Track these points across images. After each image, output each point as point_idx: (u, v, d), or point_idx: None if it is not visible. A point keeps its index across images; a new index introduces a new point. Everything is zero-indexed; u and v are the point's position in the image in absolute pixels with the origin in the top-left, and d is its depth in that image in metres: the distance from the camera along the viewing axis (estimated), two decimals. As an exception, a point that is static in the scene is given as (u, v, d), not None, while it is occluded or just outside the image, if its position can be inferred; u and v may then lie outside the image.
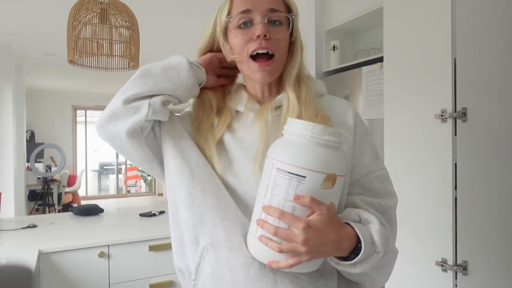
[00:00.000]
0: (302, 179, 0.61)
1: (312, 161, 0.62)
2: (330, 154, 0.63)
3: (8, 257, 1.63)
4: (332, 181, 0.62)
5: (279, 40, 0.76)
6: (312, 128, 0.63)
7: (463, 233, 1.35)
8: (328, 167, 0.62)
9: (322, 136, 0.63)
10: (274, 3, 0.76)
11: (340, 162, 0.64)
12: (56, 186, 6.44)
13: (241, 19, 0.76)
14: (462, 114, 1.35)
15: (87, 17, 1.90)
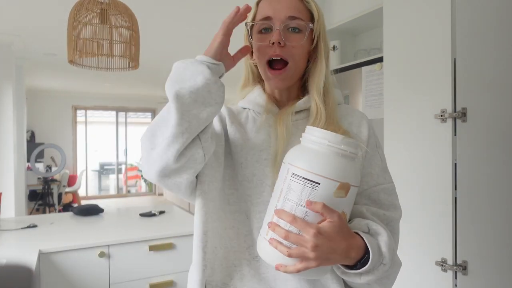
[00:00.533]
0: (316, 185, 0.62)
1: (327, 168, 0.63)
2: (346, 163, 0.64)
3: (8, 257, 1.63)
4: (346, 190, 0.63)
5: (295, 48, 0.78)
6: (330, 137, 0.64)
7: (463, 233, 1.35)
8: (343, 176, 0.63)
9: (339, 146, 0.64)
10: (295, 10, 0.77)
11: (355, 172, 0.65)
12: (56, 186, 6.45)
13: (262, 25, 0.79)
14: (462, 114, 1.35)
15: (87, 17, 1.90)
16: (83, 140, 8.50)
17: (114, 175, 9.06)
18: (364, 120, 0.84)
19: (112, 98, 8.59)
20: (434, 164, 1.44)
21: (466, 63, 1.37)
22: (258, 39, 0.80)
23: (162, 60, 5.08)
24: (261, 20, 0.78)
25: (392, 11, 1.65)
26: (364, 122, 0.84)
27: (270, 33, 0.78)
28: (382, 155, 0.84)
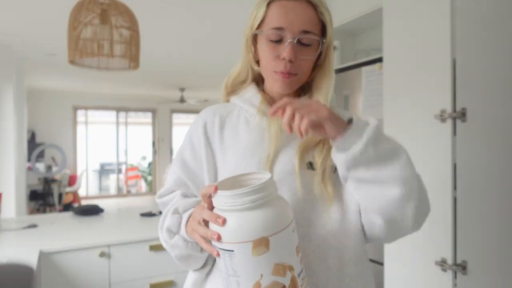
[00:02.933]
0: (232, 253, 0.58)
1: (233, 232, 0.58)
2: (251, 217, 0.58)
3: (9, 257, 1.64)
4: (264, 244, 0.57)
5: (305, 62, 0.77)
6: (226, 198, 0.59)
7: (462, 233, 1.35)
8: (253, 234, 0.57)
9: (237, 203, 0.58)
10: (309, 23, 0.75)
11: (269, 219, 0.58)
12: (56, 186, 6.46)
13: (272, 35, 0.75)
14: (461, 114, 1.35)
15: (87, 17, 1.90)
16: (83, 140, 8.50)
17: (115, 175, 9.07)
18: None
19: (112, 98, 8.59)
20: (434, 164, 1.44)
21: (465, 63, 1.37)
22: (268, 48, 0.77)
23: (162, 60, 5.09)
24: (273, 29, 0.75)
25: (392, 11, 1.65)
26: None
27: (280, 43, 0.75)
28: None
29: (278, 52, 0.75)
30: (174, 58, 5.02)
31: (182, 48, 4.49)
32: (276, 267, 0.58)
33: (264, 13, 0.76)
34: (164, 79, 6.61)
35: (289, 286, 0.58)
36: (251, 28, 0.79)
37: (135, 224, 2.27)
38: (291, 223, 0.61)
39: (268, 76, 0.80)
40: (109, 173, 9.16)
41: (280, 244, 0.58)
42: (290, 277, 0.59)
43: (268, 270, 0.58)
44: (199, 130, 0.83)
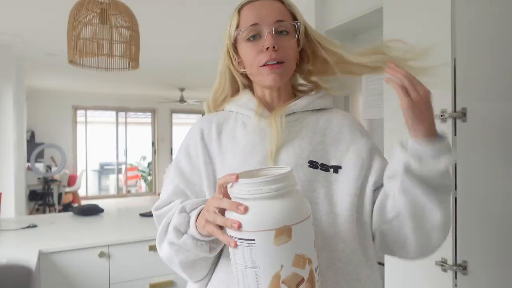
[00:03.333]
0: (252, 242, 0.57)
1: (255, 221, 0.57)
2: (275, 205, 0.57)
3: (8, 257, 1.63)
4: (287, 233, 0.56)
5: (288, 48, 0.79)
6: (248, 186, 0.58)
7: (462, 233, 1.35)
8: (276, 222, 0.56)
9: (260, 191, 0.57)
10: (280, 14, 0.79)
11: (291, 208, 0.58)
12: (56, 186, 6.45)
13: (250, 32, 0.78)
14: (461, 114, 1.35)
15: (87, 17, 1.90)
16: (83, 140, 8.50)
17: (114, 175, 9.06)
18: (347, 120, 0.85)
19: (112, 98, 8.59)
20: (434, 164, 1.44)
21: (466, 63, 1.37)
22: (248, 47, 0.79)
23: (162, 60, 5.08)
24: (249, 27, 0.78)
25: (392, 11, 1.65)
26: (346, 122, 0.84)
27: (259, 39, 0.78)
28: (381, 155, 0.84)
29: (259, 46, 0.77)
30: (174, 58, 5.02)
31: (182, 48, 4.49)
32: (297, 258, 0.57)
33: (238, 19, 0.80)
34: (164, 79, 6.61)
35: (307, 280, 0.58)
36: (229, 36, 0.82)
37: (135, 224, 2.27)
38: (311, 216, 0.61)
39: (256, 74, 0.80)
40: (109, 173, 9.15)
41: (302, 235, 0.58)
42: (309, 270, 0.58)
43: (289, 260, 0.57)
44: (196, 137, 0.83)
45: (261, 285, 0.58)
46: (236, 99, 0.86)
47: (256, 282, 0.58)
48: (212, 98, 0.90)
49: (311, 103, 0.84)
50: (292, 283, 0.57)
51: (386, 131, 1.67)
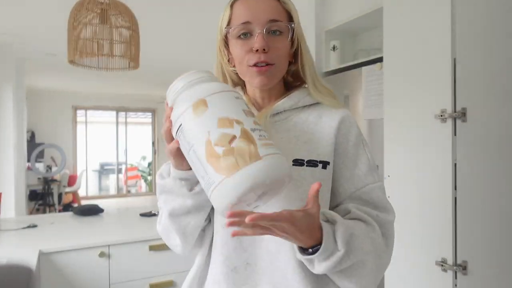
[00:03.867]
0: (181, 128, 0.63)
1: (176, 110, 0.64)
2: (189, 91, 0.64)
3: (8, 257, 1.63)
4: (203, 104, 0.61)
5: (279, 50, 0.76)
6: (170, 92, 0.67)
7: (462, 233, 1.35)
8: (190, 100, 0.62)
9: (176, 88, 0.66)
10: (274, 13, 0.75)
11: (205, 87, 0.64)
12: (56, 186, 6.45)
13: (241, 30, 0.75)
14: (461, 114, 1.35)
15: (87, 17, 1.90)
16: (83, 140, 8.50)
17: (114, 175, 9.06)
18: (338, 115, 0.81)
19: (112, 98, 8.59)
20: (434, 164, 1.44)
21: (466, 63, 1.37)
22: (238, 45, 0.76)
23: (162, 60, 5.09)
24: (240, 24, 0.75)
25: (392, 11, 1.65)
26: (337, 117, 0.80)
27: (250, 38, 0.75)
28: (370, 153, 0.81)
29: (250, 46, 0.75)
30: (174, 58, 5.02)
31: (182, 48, 4.49)
32: (221, 121, 0.60)
33: (230, 14, 0.77)
34: (164, 79, 6.61)
35: (240, 136, 0.59)
36: (220, 32, 0.80)
37: (135, 224, 2.27)
38: (231, 91, 0.65)
39: (245, 73, 0.79)
40: (109, 173, 9.15)
41: (220, 102, 0.62)
42: (239, 128, 0.60)
43: (214, 125, 0.60)
44: None
45: (201, 157, 0.60)
46: None
47: (197, 157, 0.60)
48: None
49: (300, 100, 0.82)
50: (224, 142, 0.59)
51: (386, 131, 1.68)
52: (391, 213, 0.78)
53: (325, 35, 2.48)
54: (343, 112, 0.82)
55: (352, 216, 0.75)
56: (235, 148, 0.58)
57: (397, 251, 1.39)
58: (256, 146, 0.59)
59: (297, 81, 0.87)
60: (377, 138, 1.91)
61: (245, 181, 0.56)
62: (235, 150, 0.58)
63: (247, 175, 0.57)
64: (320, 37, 2.50)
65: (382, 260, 0.73)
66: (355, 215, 0.75)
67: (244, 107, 0.64)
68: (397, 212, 0.81)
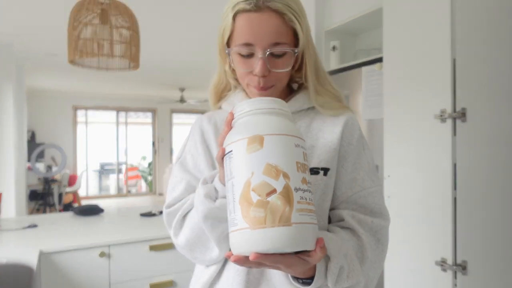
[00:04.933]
0: (231, 154, 0.59)
1: (234, 134, 0.60)
2: (252, 120, 0.60)
3: (9, 257, 1.64)
4: (258, 142, 0.57)
5: (280, 73, 0.74)
6: (237, 108, 0.63)
7: (462, 233, 1.35)
8: (249, 131, 0.58)
9: (243, 110, 0.62)
10: (278, 34, 0.70)
11: (268, 122, 0.60)
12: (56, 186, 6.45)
13: (242, 50, 0.72)
14: (461, 114, 1.35)
15: (87, 17, 1.90)
16: (83, 140, 8.51)
17: (115, 175, 9.07)
18: (341, 119, 0.80)
19: (112, 98, 8.59)
20: (434, 164, 1.44)
21: (465, 63, 1.37)
22: (239, 63, 0.74)
23: (162, 60, 5.09)
24: (241, 45, 0.71)
25: (392, 11, 1.65)
26: (340, 122, 0.80)
27: (251, 58, 0.72)
28: (370, 156, 0.81)
29: (250, 67, 0.73)
30: (174, 58, 5.02)
31: (182, 48, 4.49)
32: (268, 167, 0.56)
33: (231, 27, 0.72)
34: (164, 79, 6.61)
35: (280, 193, 0.55)
36: (222, 40, 0.76)
37: (135, 224, 2.27)
38: (294, 137, 0.60)
39: (245, 88, 0.78)
40: (109, 173, 9.16)
41: (277, 146, 0.57)
42: (283, 184, 0.56)
43: (260, 168, 0.56)
44: (197, 137, 0.84)
45: (235, 194, 0.57)
46: (231, 99, 0.85)
47: (232, 192, 0.58)
48: (214, 91, 0.87)
49: (305, 103, 0.81)
50: (262, 191, 0.55)
51: (385, 131, 1.68)
52: (386, 218, 0.78)
53: (325, 35, 2.48)
54: (346, 115, 0.81)
55: (344, 225, 0.76)
56: (270, 203, 0.55)
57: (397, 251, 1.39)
58: (291, 209, 0.55)
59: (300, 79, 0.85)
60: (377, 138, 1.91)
61: (265, 242, 0.54)
62: (269, 205, 0.54)
63: (269, 237, 0.54)
64: (320, 37, 2.50)
65: (375, 269, 0.75)
66: (347, 224, 0.75)
67: (300, 159, 0.59)
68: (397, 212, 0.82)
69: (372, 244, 0.75)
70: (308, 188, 0.59)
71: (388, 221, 0.78)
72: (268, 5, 0.69)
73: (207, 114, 0.89)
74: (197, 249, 0.77)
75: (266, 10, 0.70)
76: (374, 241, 0.75)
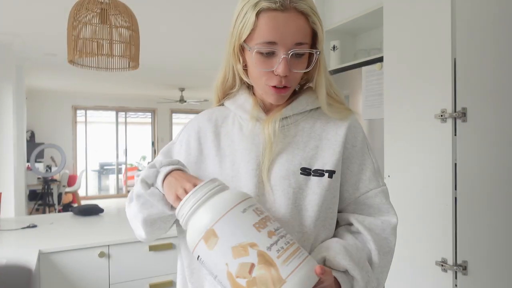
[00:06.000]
0: (200, 259, 0.62)
1: (191, 238, 0.62)
2: (196, 219, 0.62)
3: (8, 257, 1.63)
4: (212, 235, 0.59)
5: (298, 74, 0.76)
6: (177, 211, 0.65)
7: (463, 233, 1.35)
8: (200, 231, 0.60)
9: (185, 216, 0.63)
10: (302, 35, 0.71)
11: (207, 213, 0.61)
12: (56, 186, 6.45)
13: (265, 49, 0.71)
14: (462, 114, 1.35)
15: (87, 17, 1.90)
16: (83, 140, 8.50)
17: (114, 175, 9.06)
18: (345, 121, 0.80)
19: (112, 98, 8.58)
20: (434, 164, 1.44)
21: (466, 63, 1.37)
22: (258, 62, 0.73)
23: (162, 60, 5.08)
24: (265, 43, 0.71)
25: (392, 11, 1.65)
26: (344, 123, 0.80)
27: (272, 57, 0.72)
28: (374, 157, 0.82)
29: (271, 66, 0.72)
30: (174, 58, 5.01)
31: (182, 48, 4.49)
32: (234, 250, 0.57)
33: (254, 24, 0.71)
34: (164, 79, 6.61)
35: (259, 263, 0.57)
36: (239, 37, 0.74)
37: (134, 224, 2.26)
38: (238, 204, 0.61)
39: (260, 88, 0.78)
40: (109, 173, 9.15)
41: (228, 227, 0.59)
42: (255, 253, 0.57)
43: (229, 256, 0.57)
44: (192, 134, 0.85)
45: None
46: (235, 98, 0.85)
47: (224, 286, 0.60)
48: (220, 87, 0.86)
49: (308, 104, 0.82)
50: (244, 273, 0.57)
51: (386, 131, 1.67)
52: (394, 217, 0.79)
53: (325, 35, 2.47)
54: (350, 117, 0.82)
55: (353, 230, 0.78)
56: (256, 277, 0.56)
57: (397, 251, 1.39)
58: (277, 269, 0.56)
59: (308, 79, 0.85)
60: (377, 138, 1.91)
61: None
62: (257, 279, 0.56)
63: None
64: (320, 37, 2.49)
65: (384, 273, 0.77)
66: (355, 229, 0.77)
67: (254, 219, 0.60)
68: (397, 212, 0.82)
69: (382, 247, 0.76)
70: (278, 235, 0.60)
71: (396, 220, 0.79)
72: (294, 6, 0.70)
73: (208, 111, 0.89)
74: (134, 223, 0.80)
75: (292, 11, 0.70)
76: (384, 244, 0.76)
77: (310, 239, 0.74)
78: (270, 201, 0.74)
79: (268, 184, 0.74)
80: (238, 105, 0.83)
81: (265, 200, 0.74)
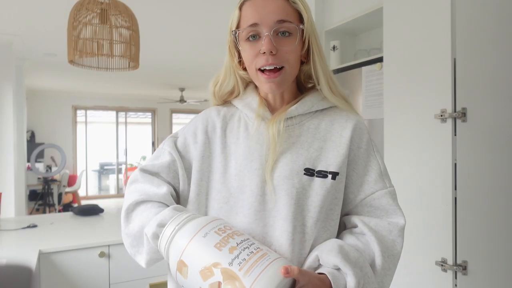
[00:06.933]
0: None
1: (171, 265, 0.66)
2: (170, 254, 0.66)
3: (8, 257, 1.63)
4: (182, 264, 0.64)
5: (288, 52, 0.75)
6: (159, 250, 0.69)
7: (462, 233, 1.35)
8: (172, 264, 0.65)
9: (164, 252, 0.67)
10: (283, 13, 0.73)
11: (176, 245, 0.65)
12: (56, 186, 6.45)
13: (249, 32, 0.75)
14: (462, 114, 1.35)
15: (87, 17, 1.90)
16: (83, 140, 8.50)
17: (114, 175, 9.06)
18: (350, 123, 0.80)
19: (112, 98, 8.58)
20: (434, 164, 1.44)
21: (466, 63, 1.37)
22: (247, 48, 0.76)
23: (162, 60, 5.08)
24: (248, 27, 0.74)
25: (392, 11, 1.65)
26: (349, 125, 0.80)
27: (258, 40, 0.74)
28: (380, 159, 0.82)
29: (258, 49, 0.74)
30: (174, 58, 5.01)
31: (182, 48, 4.49)
32: (203, 273, 0.61)
33: (238, 16, 0.76)
34: (164, 79, 6.61)
35: (224, 279, 0.60)
36: (230, 34, 0.79)
37: (134, 224, 2.26)
38: (200, 231, 0.65)
39: (255, 78, 0.79)
40: (109, 173, 9.15)
41: (193, 255, 0.63)
42: (219, 271, 0.61)
43: (200, 280, 0.61)
44: (200, 127, 0.84)
45: None
46: (243, 96, 0.85)
47: None
48: (219, 91, 0.86)
49: (314, 105, 0.81)
50: None
51: (386, 131, 1.68)
52: (402, 219, 0.79)
53: (325, 35, 2.48)
54: (355, 119, 0.82)
55: (356, 231, 0.77)
56: None
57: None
58: (240, 281, 0.59)
59: (310, 81, 0.85)
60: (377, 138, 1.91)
61: None
62: None
63: None
64: (320, 37, 2.49)
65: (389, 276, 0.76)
66: (359, 231, 0.76)
67: (215, 239, 0.64)
68: (397, 212, 0.81)
69: (387, 249, 0.75)
70: (240, 248, 0.63)
71: (404, 221, 0.79)
72: None
73: (215, 107, 0.88)
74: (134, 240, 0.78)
75: None
76: (390, 245, 0.76)
77: (310, 240, 0.73)
78: (272, 201, 0.73)
79: (271, 184, 0.74)
80: (245, 104, 0.83)
81: (267, 200, 0.74)
